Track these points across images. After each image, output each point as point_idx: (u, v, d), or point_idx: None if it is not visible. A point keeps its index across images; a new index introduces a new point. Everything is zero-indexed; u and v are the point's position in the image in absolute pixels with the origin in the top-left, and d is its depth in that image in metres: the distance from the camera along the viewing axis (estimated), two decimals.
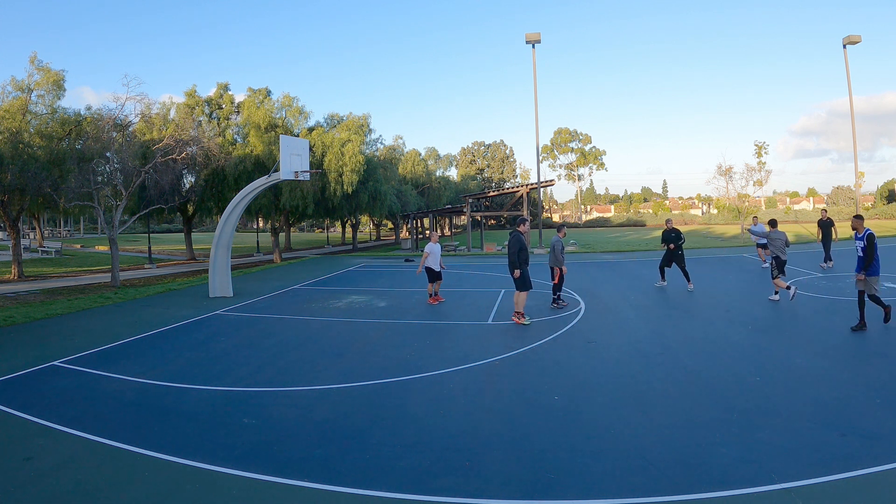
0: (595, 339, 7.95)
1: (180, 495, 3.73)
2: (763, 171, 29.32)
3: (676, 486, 3.66)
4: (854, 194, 42.57)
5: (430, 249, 11.60)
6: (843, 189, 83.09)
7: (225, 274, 13.58)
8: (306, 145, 13.60)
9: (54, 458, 4.35)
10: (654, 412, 5.04)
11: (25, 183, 17.50)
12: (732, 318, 9.09)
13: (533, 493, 3.66)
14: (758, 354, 6.86)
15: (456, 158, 79.80)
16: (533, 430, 4.71)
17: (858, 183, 32.00)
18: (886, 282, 12.28)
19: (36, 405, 5.60)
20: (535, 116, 30.41)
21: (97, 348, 8.13)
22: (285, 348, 8.03)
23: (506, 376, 6.34)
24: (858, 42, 28.90)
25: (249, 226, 70.48)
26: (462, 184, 69.10)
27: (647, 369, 6.40)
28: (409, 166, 53.90)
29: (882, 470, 3.76)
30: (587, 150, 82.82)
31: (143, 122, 23.04)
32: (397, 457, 4.26)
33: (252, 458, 4.27)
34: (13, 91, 18.95)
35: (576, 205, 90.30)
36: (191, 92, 28.86)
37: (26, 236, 42.22)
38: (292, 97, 28.40)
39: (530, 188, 31.53)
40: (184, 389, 6.10)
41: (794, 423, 4.64)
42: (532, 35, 27.35)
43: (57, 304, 12.90)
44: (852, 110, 30.25)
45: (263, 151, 25.67)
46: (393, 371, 6.58)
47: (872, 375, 5.83)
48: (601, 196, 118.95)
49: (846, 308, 9.61)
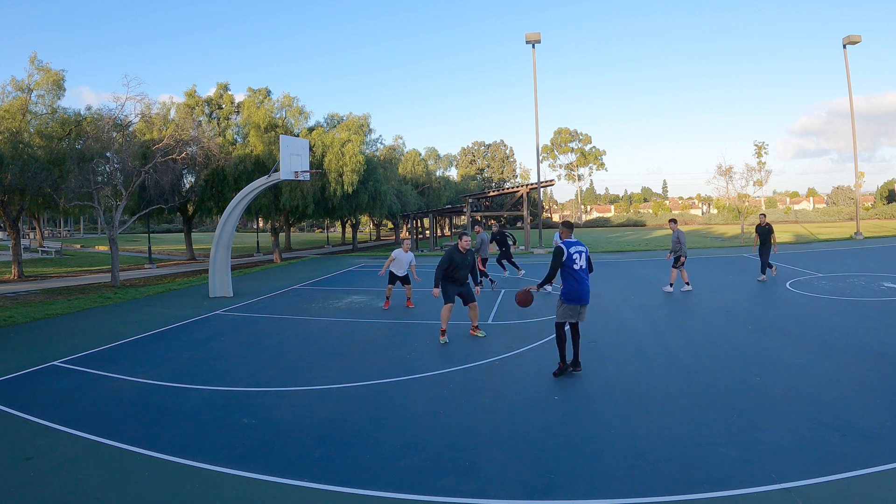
0: (595, 339, 7.95)
1: (180, 495, 3.73)
2: (763, 171, 29.31)
3: (676, 486, 3.66)
4: (854, 194, 42.57)
5: (395, 255, 10.93)
6: (843, 189, 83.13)
7: (225, 274, 13.58)
8: (306, 145, 13.60)
9: (54, 458, 4.35)
10: (654, 412, 5.04)
11: (25, 183, 17.51)
12: (732, 318, 9.09)
13: (533, 493, 3.66)
14: (758, 354, 6.86)
15: (456, 158, 79.85)
16: (533, 430, 4.71)
17: (858, 183, 31.98)
18: (886, 282, 12.28)
19: (36, 405, 5.60)
20: (535, 116, 30.43)
21: (97, 348, 8.13)
22: (285, 348, 8.03)
23: (506, 376, 6.34)
24: (858, 42, 28.89)
25: (249, 226, 70.48)
26: (462, 184, 69.11)
27: (647, 369, 6.40)
28: (409, 166, 53.92)
29: (882, 470, 3.75)
30: (587, 150, 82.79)
31: (143, 122, 23.05)
32: (397, 457, 4.26)
33: (252, 458, 4.26)
34: (13, 91, 18.98)
35: (576, 205, 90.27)
36: (191, 92, 28.89)
37: (26, 236, 42.22)
38: (292, 97, 28.45)
39: (530, 188, 31.54)
40: (184, 389, 6.10)
41: (794, 424, 4.64)
42: (532, 35, 27.34)
43: (57, 304, 12.90)
44: (852, 110, 30.27)
45: (263, 151, 25.67)
46: (393, 371, 6.58)
47: (872, 375, 5.83)
48: (601, 196, 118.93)
49: (846, 308, 9.62)
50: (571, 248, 6.08)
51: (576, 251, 6.08)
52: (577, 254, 6.06)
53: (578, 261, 6.05)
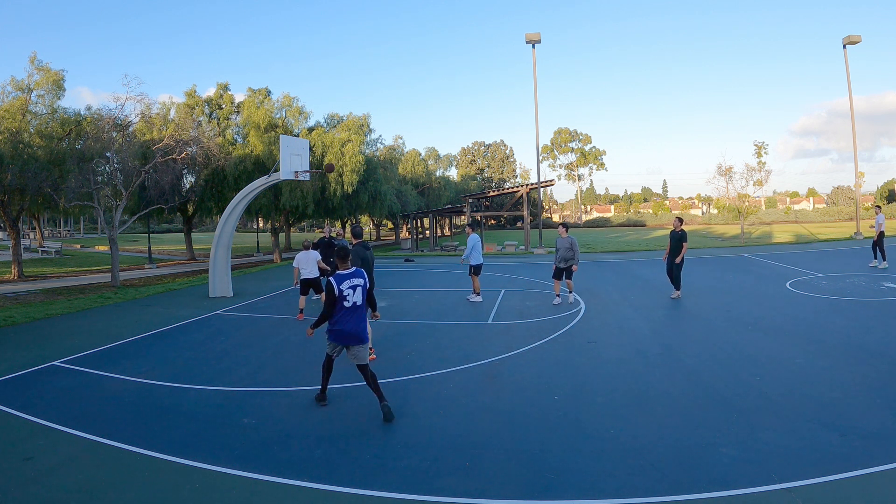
0: (595, 339, 7.95)
1: (180, 495, 3.73)
2: (763, 171, 29.23)
3: (676, 486, 3.66)
4: (854, 194, 42.56)
5: (299, 261, 10.22)
6: (843, 189, 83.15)
7: (225, 274, 13.57)
8: (306, 145, 13.59)
9: (54, 458, 4.35)
10: (654, 412, 5.04)
11: (25, 183, 17.50)
12: (732, 318, 9.09)
13: (533, 493, 3.66)
14: (758, 354, 6.86)
15: (456, 158, 79.85)
16: (533, 430, 4.71)
17: (858, 183, 32.00)
18: (886, 282, 12.28)
19: (36, 405, 5.60)
20: (535, 116, 30.43)
21: (97, 348, 8.12)
22: (285, 348, 8.03)
23: (506, 376, 6.34)
24: (858, 42, 28.89)
25: (249, 226, 70.46)
26: (462, 184, 69.10)
27: (647, 369, 6.40)
28: (409, 166, 53.91)
29: (882, 470, 3.76)
30: (587, 150, 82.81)
31: (143, 122, 23.02)
32: (397, 457, 4.26)
33: (252, 458, 4.26)
34: (13, 91, 18.94)
35: (576, 205, 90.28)
36: (191, 92, 28.86)
37: (26, 236, 42.22)
38: (292, 97, 28.40)
39: (530, 188, 31.54)
40: (184, 389, 6.10)
41: (794, 424, 4.64)
42: (532, 35, 27.34)
43: (57, 304, 12.90)
44: (852, 110, 30.27)
45: (263, 151, 25.66)
46: (393, 371, 6.57)
47: (872, 375, 5.83)
48: (601, 196, 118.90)
49: (846, 308, 9.62)
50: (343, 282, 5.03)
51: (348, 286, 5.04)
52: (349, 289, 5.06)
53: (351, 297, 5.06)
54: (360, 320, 5.13)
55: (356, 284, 5.11)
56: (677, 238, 11.14)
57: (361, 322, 5.14)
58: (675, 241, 11.16)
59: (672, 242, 11.25)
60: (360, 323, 5.12)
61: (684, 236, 11.13)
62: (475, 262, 11.41)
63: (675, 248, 11.17)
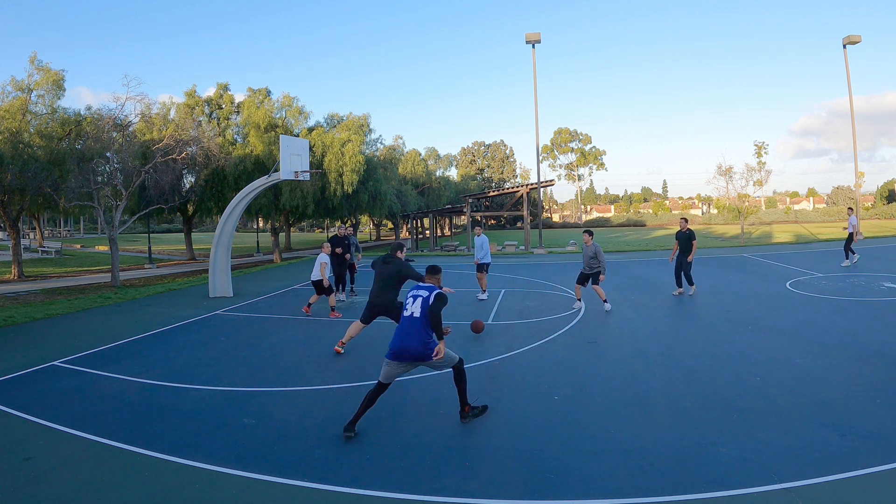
0: (595, 339, 7.95)
1: (180, 495, 3.73)
2: (763, 171, 29.21)
3: (676, 486, 3.66)
4: (854, 194, 42.57)
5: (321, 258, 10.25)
6: (843, 189, 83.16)
7: (225, 274, 13.57)
8: (306, 145, 13.60)
9: (54, 458, 4.35)
10: (654, 412, 5.04)
11: (25, 183, 17.50)
12: (732, 318, 9.09)
13: (533, 493, 3.66)
14: (758, 354, 6.86)
15: (456, 158, 79.86)
16: (533, 431, 4.71)
17: (858, 183, 31.98)
18: (886, 282, 12.28)
19: (36, 405, 5.60)
20: (535, 116, 30.43)
21: (97, 348, 8.12)
22: (285, 348, 8.03)
23: (506, 376, 6.34)
24: (858, 42, 28.89)
25: (249, 226, 70.46)
26: (462, 184, 69.10)
27: (647, 369, 6.40)
28: (409, 166, 53.91)
29: (882, 470, 3.76)
30: (587, 150, 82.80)
31: (143, 122, 23.02)
32: (397, 457, 4.26)
33: (252, 458, 4.26)
34: (13, 91, 18.95)
35: (576, 205, 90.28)
36: (191, 92, 28.85)
37: (26, 236, 42.23)
38: (292, 97, 28.37)
39: (530, 188, 31.54)
40: (184, 389, 6.10)
41: (794, 423, 4.64)
42: (532, 35, 27.34)
43: (57, 304, 12.90)
44: (852, 110, 30.27)
45: (263, 151, 25.66)
46: None
47: (872, 375, 5.83)
48: (601, 196, 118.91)
49: (846, 308, 9.62)
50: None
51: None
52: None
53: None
54: (410, 336, 4.70)
55: (418, 294, 4.87)
56: (686, 237, 11.37)
57: (411, 339, 4.69)
58: (685, 241, 11.38)
59: (680, 242, 11.46)
60: (408, 339, 4.69)
61: (693, 235, 11.40)
62: (487, 261, 11.98)
63: (684, 248, 11.39)
